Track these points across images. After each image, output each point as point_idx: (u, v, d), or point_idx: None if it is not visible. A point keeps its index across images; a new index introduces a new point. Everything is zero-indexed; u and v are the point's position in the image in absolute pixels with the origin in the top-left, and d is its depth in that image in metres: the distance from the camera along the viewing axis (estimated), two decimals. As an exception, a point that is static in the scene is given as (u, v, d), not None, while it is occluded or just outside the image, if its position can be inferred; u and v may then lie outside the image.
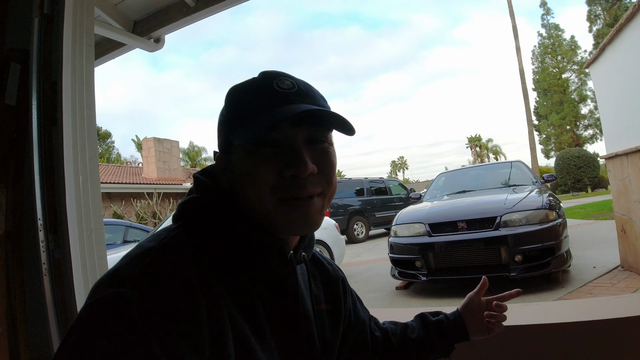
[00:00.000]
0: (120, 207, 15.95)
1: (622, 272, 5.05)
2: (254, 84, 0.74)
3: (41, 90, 1.57)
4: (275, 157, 0.69)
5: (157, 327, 0.53)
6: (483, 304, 1.15)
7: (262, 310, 0.70)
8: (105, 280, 0.58)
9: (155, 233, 0.69)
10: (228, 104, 0.76)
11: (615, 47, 4.70)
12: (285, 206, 0.69)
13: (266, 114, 0.68)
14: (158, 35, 2.75)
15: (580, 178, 26.14)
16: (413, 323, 1.11)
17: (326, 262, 0.97)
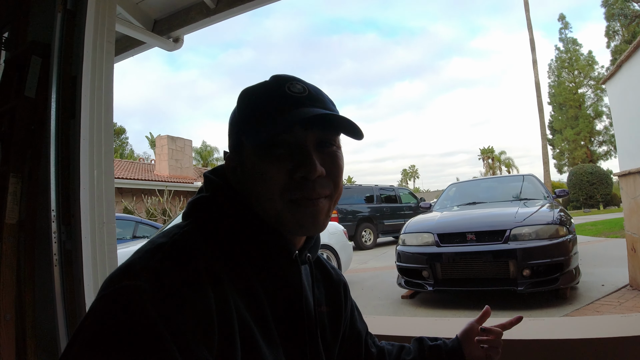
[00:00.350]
0: (131, 202, 16.07)
1: (630, 291, 4.98)
2: (266, 86, 0.76)
3: (61, 84, 1.60)
4: (285, 159, 0.71)
5: (170, 319, 0.54)
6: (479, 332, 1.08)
7: (269, 308, 0.71)
8: (118, 273, 0.60)
9: (166, 230, 0.70)
10: (241, 106, 0.78)
11: (632, 64, 4.67)
12: (295, 207, 0.71)
13: (279, 117, 0.70)
14: (177, 35, 2.79)
15: (592, 195, 25.84)
16: (410, 346, 1.09)
17: (329, 265, 0.98)
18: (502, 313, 4.57)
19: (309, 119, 0.70)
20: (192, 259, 0.63)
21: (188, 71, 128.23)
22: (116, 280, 0.58)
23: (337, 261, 6.56)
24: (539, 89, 26.83)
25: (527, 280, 4.62)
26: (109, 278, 0.60)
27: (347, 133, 0.76)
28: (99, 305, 0.56)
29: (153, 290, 0.55)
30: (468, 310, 4.85)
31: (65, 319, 1.49)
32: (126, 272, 0.59)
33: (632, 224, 5.09)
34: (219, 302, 0.61)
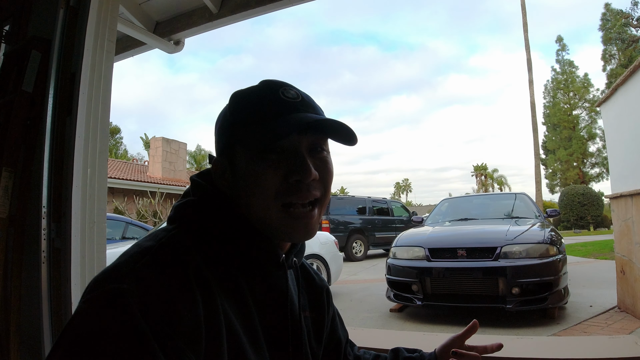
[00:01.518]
0: (122, 203, 15.98)
1: (618, 313, 4.99)
2: (259, 91, 0.76)
3: (59, 80, 1.60)
4: (280, 163, 0.71)
5: (156, 324, 0.53)
6: (465, 348, 1.03)
7: (256, 312, 0.71)
8: (104, 276, 0.59)
9: (152, 233, 0.70)
10: (234, 109, 0.77)
11: (628, 88, 4.72)
12: (287, 214, 0.72)
13: (276, 122, 0.71)
14: (178, 38, 2.79)
15: (583, 215, 26.00)
16: (386, 355, 1.07)
17: (312, 271, 0.98)
18: (490, 330, 4.57)
19: (305, 124, 0.71)
20: (179, 262, 0.62)
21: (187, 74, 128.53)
22: (102, 283, 0.57)
23: (327, 272, 6.54)
24: (534, 109, 27.06)
25: (515, 298, 4.62)
26: (94, 280, 0.59)
27: (340, 139, 0.77)
28: (84, 307, 0.56)
29: (139, 293, 0.55)
30: (456, 326, 4.84)
31: (50, 318, 1.47)
32: (112, 275, 0.58)
33: (622, 247, 5.12)
34: (207, 306, 0.60)
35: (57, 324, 1.47)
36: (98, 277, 0.60)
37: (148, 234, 0.71)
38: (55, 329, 1.47)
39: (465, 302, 4.92)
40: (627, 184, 4.82)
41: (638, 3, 26.25)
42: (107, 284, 0.56)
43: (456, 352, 1.00)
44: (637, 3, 26.19)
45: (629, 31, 27.68)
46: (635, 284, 4.65)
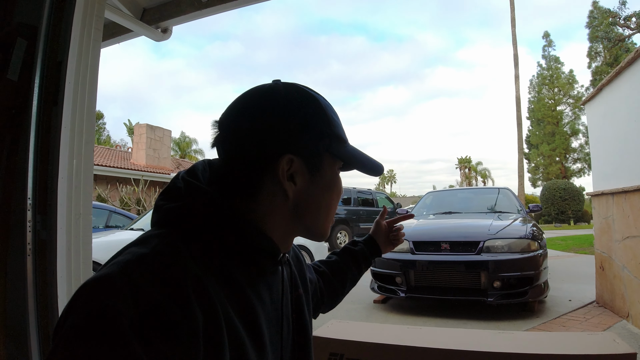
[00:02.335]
0: (105, 190, 15.78)
1: (596, 307, 5.11)
2: (326, 101, 0.79)
3: (45, 69, 1.56)
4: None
5: (152, 344, 0.51)
6: (386, 225, 1.47)
7: (261, 311, 0.70)
8: (99, 286, 0.56)
9: (144, 238, 0.66)
10: (321, 105, 0.77)
11: (613, 88, 4.79)
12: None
13: (349, 147, 0.81)
14: (166, 26, 2.74)
15: (564, 210, 26.45)
16: (340, 258, 1.34)
17: (292, 251, 0.98)
18: (471, 323, 4.65)
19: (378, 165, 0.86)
20: (177, 274, 0.59)
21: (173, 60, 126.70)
22: (95, 296, 0.54)
23: (310, 259, 6.58)
24: (519, 104, 27.36)
25: (497, 291, 4.71)
26: (87, 291, 0.56)
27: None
28: (77, 321, 0.52)
29: (135, 311, 0.52)
30: (438, 318, 4.91)
31: (36, 310, 1.45)
32: (106, 287, 0.55)
33: (602, 243, 5.23)
34: (207, 319, 0.58)
35: (43, 316, 1.46)
36: (91, 287, 0.56)
37: (138, 239, 0.66)
38: (41, 321, 1.45)
39: (448, 294, 4.99)
40: (609, 183, 4.91)
41: (626, 2, 26.55)
42: (102, 299, 0.53)
43: (389, 223, 1.48)
44: (625, 2, 26.48)
45: (615, 30, 27.98)
46: (614, 280, 4.76)
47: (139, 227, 6.32)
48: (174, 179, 0.75)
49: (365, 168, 0.81)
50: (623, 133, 4.59)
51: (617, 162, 4.78)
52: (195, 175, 0.76)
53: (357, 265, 1.35)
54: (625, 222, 4.42)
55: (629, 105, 4.41)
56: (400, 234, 1.48)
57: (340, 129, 0.78)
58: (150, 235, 0.66)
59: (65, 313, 0.55)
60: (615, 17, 27.27)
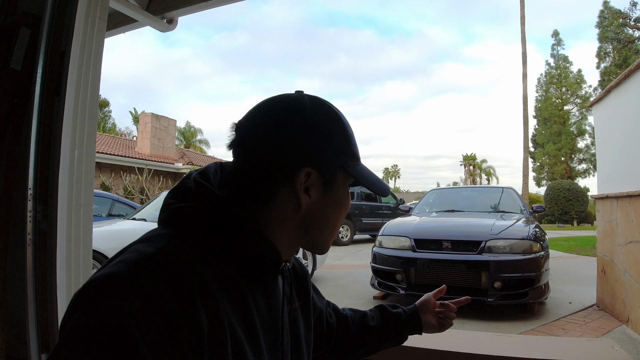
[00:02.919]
0: (110, 178, 15.84)
1: (596, 311, 5.10)
2: (345, 118, 0.80)
3: (49, 59, 1.56)
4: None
5: (158, 347, 0.52)
6: (437, 304, 1.28)
7: (258, 319, 0.70)
8: (107, 286, 0.56)
9: (151, 236, 0.67)
10: (341, 124, 0.78)
11: (621, 91, 4.74)
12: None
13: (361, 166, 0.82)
14: (172, 17, 2.72)
15: (567, 210, 26.36)
16: (372, 313, 1.19)
17: (294, 260, 0.97)
18: (470, 322, 4.65)
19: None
20: (184, 275, 0.59)
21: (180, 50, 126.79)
22: (103, 296, 0.54)
23: (312, 256, 6.57)
24: (526, 102, 27.23)
25: (497, 292, 4.70)
26: (94, 289, 0.56)
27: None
28: (84, 322, 0.52)
29: (143, 313, 0.52)
30: (437, 317, 4.91)
31: (35, 301, 1.46)
32: (114, 286, 0.55)
33: (604, 247, 5.21)
34: (211, 322, 0.58)
35: (42, 306, 1.46)
36: (98, 286, 0.56)
37: (144, 237, 0.67)
38: (40, 312, 1.46)
39: (448, 293, 4.93)
40: (614, 186, 4.88)
41: (637, 4, 26.27)
42: (109, 299, 0.53)
43: (443, 303, 1.29)
44: (636, 4, 26.22)
45: (625, 31, 27.73)
46: (615, 285, 4.74)
47: (141, 217, 6.33)
48: (185, 179, 0.76)
49: (375, 188, 0.82)
50: (630, 137, 4.55)
51: (623, 165, 4.74)
52: (207, 177, 0.76)
53: (384, 321, 1.18)
54: (629, 226, 4.39)
55: (637, 109, 4.37)
56: (451, 315, 1.28)
57: (356, 148, 0.80)
58: (157, 233, 0.67)
59: (71, 310, 0.56)
60: (626, 19, 27.02)
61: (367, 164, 0.83)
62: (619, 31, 27.68)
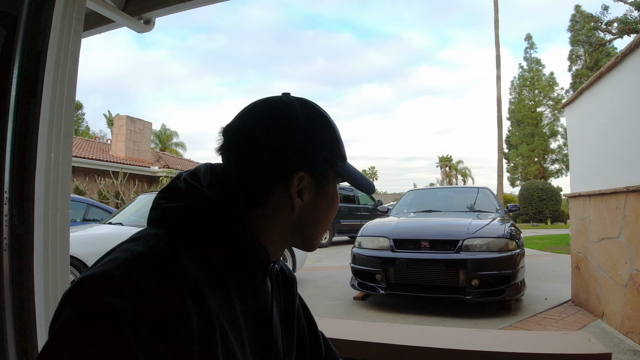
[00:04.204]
0: (84, 182, 15.49)
1: (572, 306, 5.23)
2: (332, 119, 0.82)
3: (24, 59, 1.52)
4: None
5: (149, 343, 0.52)
6: None
7: (242, 319, 0.70)
8: (97, 284, 0.56)
9: (141, 236, 0.66)
10: (333, 127, 0.80)
11: (593, 93, 4.87)
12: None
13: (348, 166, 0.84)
14: (149, 17, 2.69)
15: (541, 209, 26.91)
16: None
17: (281, 262, 0.98)
18: (449, 320, 4.71)
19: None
20: (174, 274, 0.60)
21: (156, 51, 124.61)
22: (94, 294, 0.54)
23: (292, 258, 6.57)
24: (500, 104, 27.68)
25: (475, 290, 4.78)
26: (84, 288, 0.56)
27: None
28: (74, 318, 0.52)
29: (133, 310, 0.52)
30: (417, 315, 4.97)
31: (13, 306, 1.42)
32: (105, 284, 0.55)
33: (578, 244, 5.35)
34: (201, 320, 0.59)
35: (19, 312, 1.43)
36: (88, 284, 0.56)
37: (135, 237, 0.67)
38: (17, 317, 1.42)
39: (427, 292, 5.06)
40: (586, 185, 5.01)
41: (608, 8, 26.94)
42: (99, 296, 0.53)
43: None
44: (607, 7, 26.86)
45: (597, 34, 28.38)
46: (589, 280, 4.87)
47: (117, 221, 6.23)
48: (175, 180, 0.76)
49: (362, 186, 0.84)
50: (601, 137, 4.69)
51: (595, 164, 4.88)
52: (197, 178, 0.76)
53: None
54: (601, 223, 4.52)
55: (608, 110, 4.50)
56: None
57: (344, 147, 0.82)
58: (147, 233, 0.67)
59: (60, 308, 0.56)
60: (597, 22, 27.65)
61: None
62: (591, 34, 28.31)
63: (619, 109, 4.25)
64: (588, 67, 29.04)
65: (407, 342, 1.82)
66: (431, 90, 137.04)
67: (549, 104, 38.23)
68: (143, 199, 6.97)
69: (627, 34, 24.29)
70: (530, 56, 39.91)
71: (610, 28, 27.06)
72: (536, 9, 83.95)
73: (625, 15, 24.60)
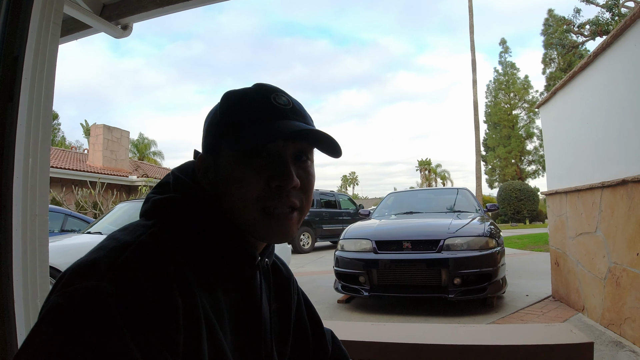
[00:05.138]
0: (61, 193, 15.21)
1: (553, 302, 5.32)
2: (251, 93, 0.77)
3: (1, 63, 1.50)
4: (264, 168, 0.72)
5: (135, 325, 0.52)
6: None
7: (226, 310, 0.71)
8: (84, 269, 0.57)
9: (129, 227, 0.68)
10: (225, 109, 0.77)
11: (566, 92, 4.99)
12: (267, 217, 0.73)
13: (264, 126, 0.72)
14: (126, 23, 2.67)
15: (519, 210, 27.31)
16: None
17: (279, 262, 0.99)
18: (433, 319, 4.74)
19: (294, 132, 0.72)
20: (160, 261, 0.61)
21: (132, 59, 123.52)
22: (80, 278, 0.55)
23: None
24: (476, 108, 28.07)
25: (457, 288, 4.83)
26: (70, 273, 0.57)
27: (325, 150, 0.78)
28: (61, 301, 0.53)
29: (119, 293, 0.54)
30: (401, 316, 5.00)
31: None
32: (91, 270, 0.56)
33: (556, 240, 5.45)
34: (186, 305, 0.60)
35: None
36: (75, 270, 0.57)
37: (124, 227, 0.69)
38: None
39: (410, 292, 5.09)
40: (563, 182, 5.12)
41: (580, 10, 27.59)
42: (87, 280, 0.54)
43: None
44: (580, 10, 27.50)
45: (569, 37, 28.96)
46: (569, 275, 4.97)
47: (96, 230, 6.12)
48: (167, 175, 0.79)
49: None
50: (576, 135, 4.80)
51: (570, 162, 4.99)
52: (186, 172, 0.79)
53: None
54: (578, 219, 4.62)
55: (582, 109, 4.62)
56: None
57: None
58: (136, 224, 0.69)
59: (49, 295, 0.57)
60: (570, 25, 28.27)
61: (325, 172, 0.84)
62: (563, 37, 28.88)
63: (592, 108, 4.36)
64: (561, 69, 29.65)
65: (393, 339, 1.83)
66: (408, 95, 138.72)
67: (524, 106, 38.99)
68: (122, 207, 6.87)
69: (599, 35, 24.89)
70: (505, 60, 40.69)
71: (582, 30, 27.71)
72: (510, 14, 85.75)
73: (597, 17, 25.20)
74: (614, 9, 23.83)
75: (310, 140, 0.76)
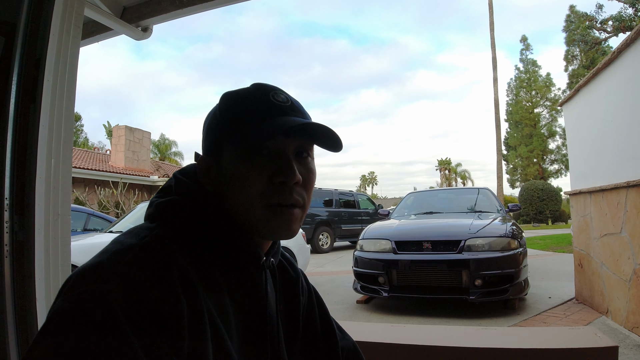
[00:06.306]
0: (83, 193, 15.47)
1: (576, 304, 5.21)
2: (250, 93, 0.77)
3: (24, 66, 1.53)
4: (266, 165, 0.72)
5: (139, 327, 0.53)
6: None
7: (232, 312, 0.71)
8: (86, 274, 0.57)
9: (133, 230, 0.68)
10: (224, 109, 0.77)
11: (590, 90, 4.88)
12: (271, 213, 0.72)
13: (264, 124, 0.72)
14: (147, 25, 2.70)
15: (542, 210, 26.91)
16: None
17: (287, 262, 0.98)
18: (453, 321, 4.69)
19: (293, 127, 0.71)
20: (163, 263, 0.61)
21: (154, 61, 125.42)
22: (84, 282, 0.56)
23: (294, 263, 6.54)
24: (497, 106, 27.73)
25: (478, 290, 4.75)
26: (75, 277, 0.57)
27: (325, 145, 0.79)
28: (65, 307, 0.54)
29: (123, 295, 0.54)
30: (421, 317, 4.95)
31: (14, 313, 1.42)
32: (95, 273, 0.57)
33: (580, 241, 5.33)
34: (191, 308, 0.60)
35: (20, 319, 1.42)
36: (79, 275, 0.58)
37: (128, 231, 0.69)
38: (19, 324, 1.42)
39: (430, 293, 5.03)
40: (587, 182, 5.01)
41: (603, 6, 27.03)
42: (91, 283, 0.55)
43: None
44: (602, 6, 26.95)
45: (592, 33, 28.43)
46: (593, 277, 4.85)
47: (118, 229, 6.22)
48: (170, 178, 0.80)
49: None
50: (600, 133, 4.69)
51: (594, 161, 4.88)
52: (188, 174, 0.80)
53: None
54: (603, 219, 4.51)
55: (606, 106, 4.51)
56: None
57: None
58: (140, 227, 0.69)
59: (55, 300, 0.57)
60: (592, 21, 27.75)
61: (344, 171, 0.82)
62: (586, 34, 28.35)
63: (616, 105, 4.25)
64: (584, 66, 29.11)
65: (413, 341, 1.81)
66: (428, 94, 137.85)
67: (546, 104, 38.38)
68: (143, 207, 6.96)
69: (622, 31, 24.36)
70: (526, 58, 40.12)
71: (605, 26, 27.16)
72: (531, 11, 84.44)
73: (619, 13, 24.70)
74: (637, 5, 23.30)
75: (310, 134, 0.76)
